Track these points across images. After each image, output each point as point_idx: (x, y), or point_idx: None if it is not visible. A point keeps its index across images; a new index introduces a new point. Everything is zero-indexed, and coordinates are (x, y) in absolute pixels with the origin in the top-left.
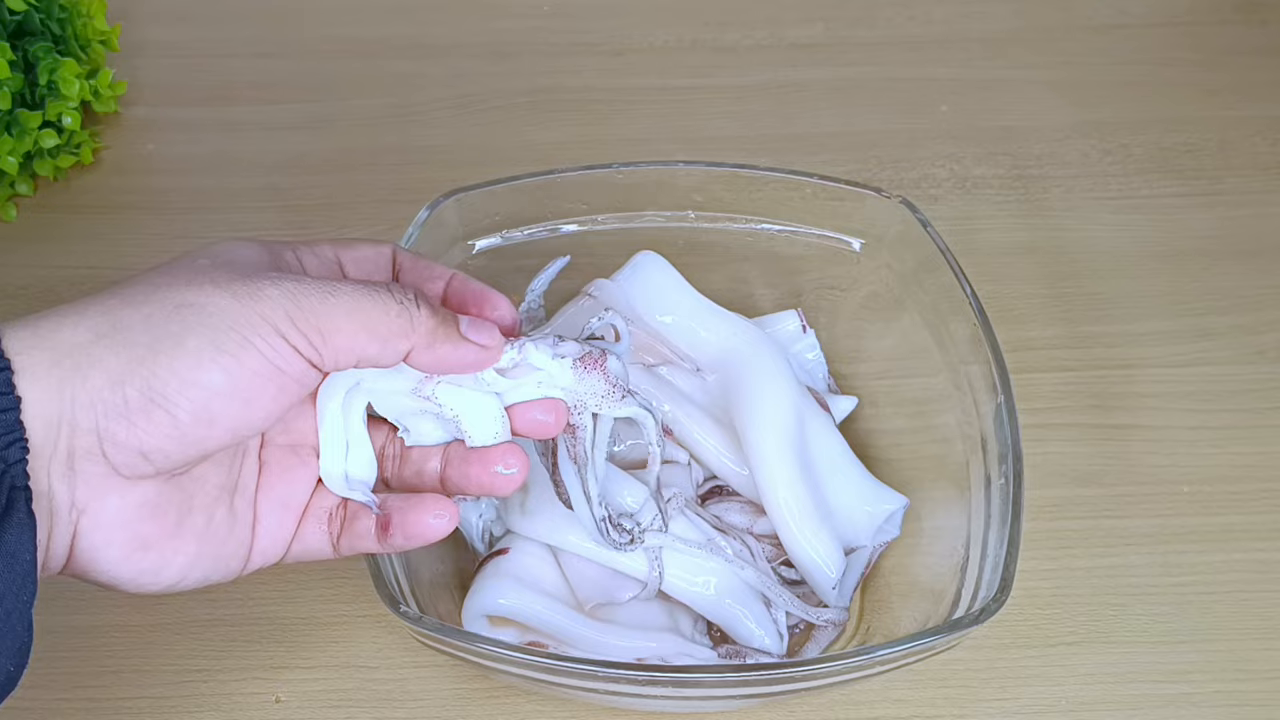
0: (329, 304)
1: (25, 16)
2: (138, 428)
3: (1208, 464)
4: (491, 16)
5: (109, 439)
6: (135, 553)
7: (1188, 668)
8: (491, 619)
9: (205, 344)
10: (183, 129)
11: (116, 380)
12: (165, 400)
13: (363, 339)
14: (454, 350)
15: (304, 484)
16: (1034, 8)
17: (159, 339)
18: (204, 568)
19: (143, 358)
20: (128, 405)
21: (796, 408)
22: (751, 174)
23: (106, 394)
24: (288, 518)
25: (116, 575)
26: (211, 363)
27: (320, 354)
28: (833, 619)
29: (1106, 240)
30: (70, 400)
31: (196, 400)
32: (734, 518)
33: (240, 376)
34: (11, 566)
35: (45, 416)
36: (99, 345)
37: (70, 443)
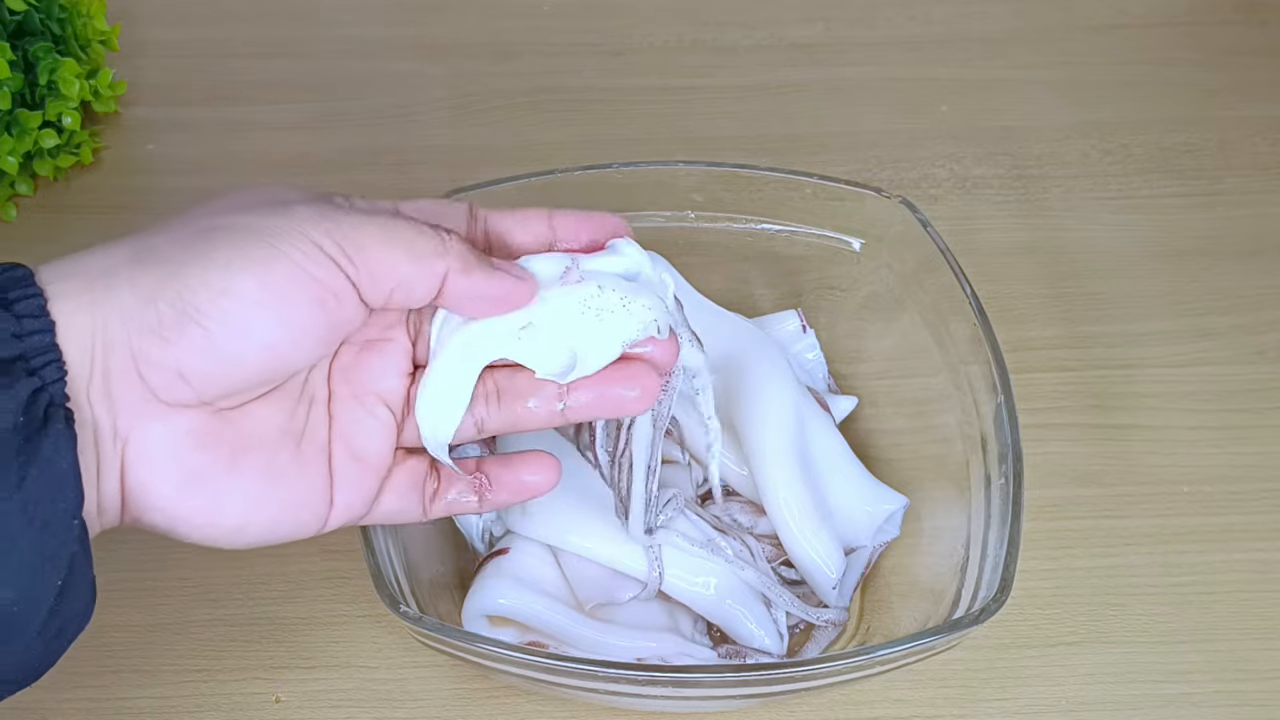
0: (361, 225)
1: (25, 16)
2: (171, 344)
3: (1208, 464)
4: (491, 16)
5: (144, 359)
6: (188, 486)
7: (1188, 668)
8: (491, 619)
9: (235, 254)
10: (183, 129)
11: (148, 297)
12: (197, 312)
13: (398, 255)
14: (488, 278)
15: (376, 437)
16: (1034, 8)
17: (188, 256)
18: (271, 511)
19: (174, 272)
20: (160, 321)
21: (796, 408)
22: (751, 174)
23: (138, 311)
24: (367, 473)
25: (173, 513)
26: (242, 270)
27: (355, 267)
28: (833, 619)
29: (1106, 240)
30: (104, 320)
31: (229, 311)
32: (734, 518)
33: (272, 284)
34: (47, 472)
35: (80, 340)
36: (130, 267)
37: (106, 364)
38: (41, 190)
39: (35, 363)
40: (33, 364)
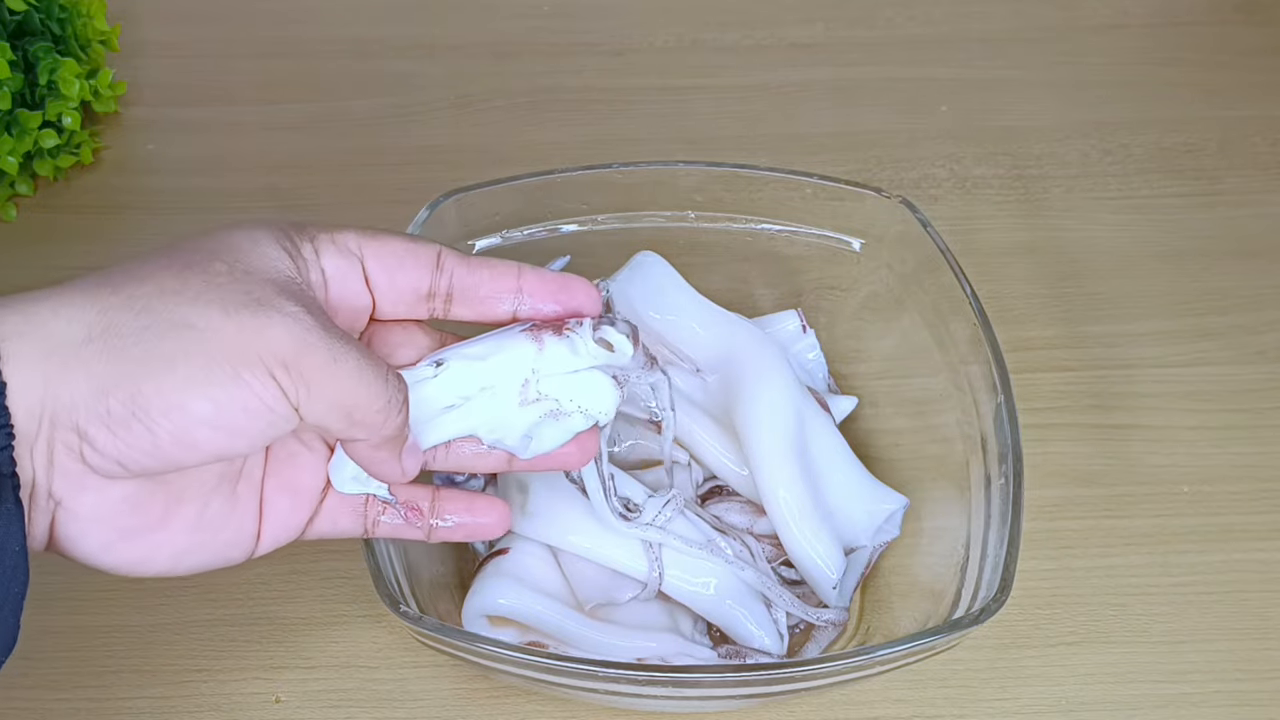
0: (330, 368)
1: (25, 16)
2: (118, 438)
3: (1208, 464)
4: (491, 16)
5: (89, 442)
6: (117, 544)
7: (1188, 668)
8: (491, 619)
9: (196, 371)
10: (183, 129)
11: (101, 389)
12: (147, 418)
13: (335, 415)
14: (386, 462)
15: (310, 470)
16: (1034, 8)
17: (150, 356)
18: (200, 556)
19: (131, 373)
20: (110, 415)
21: (796, 408)
22: (751, 174)
23: (90, 400)
24: (299, 503)
25: (99, 563)
26: (200, 393)
27: (303, 406)
28: (833, 619)
29: (1106, 240)
30: (54, 398)
31: (179, 425)
32: (734, 518)
33: (227, 409)
34: (1, 558)
35: (29, 406)
36: (90, 347)
37: (50, 435)
38: (41, 190)
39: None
40: None
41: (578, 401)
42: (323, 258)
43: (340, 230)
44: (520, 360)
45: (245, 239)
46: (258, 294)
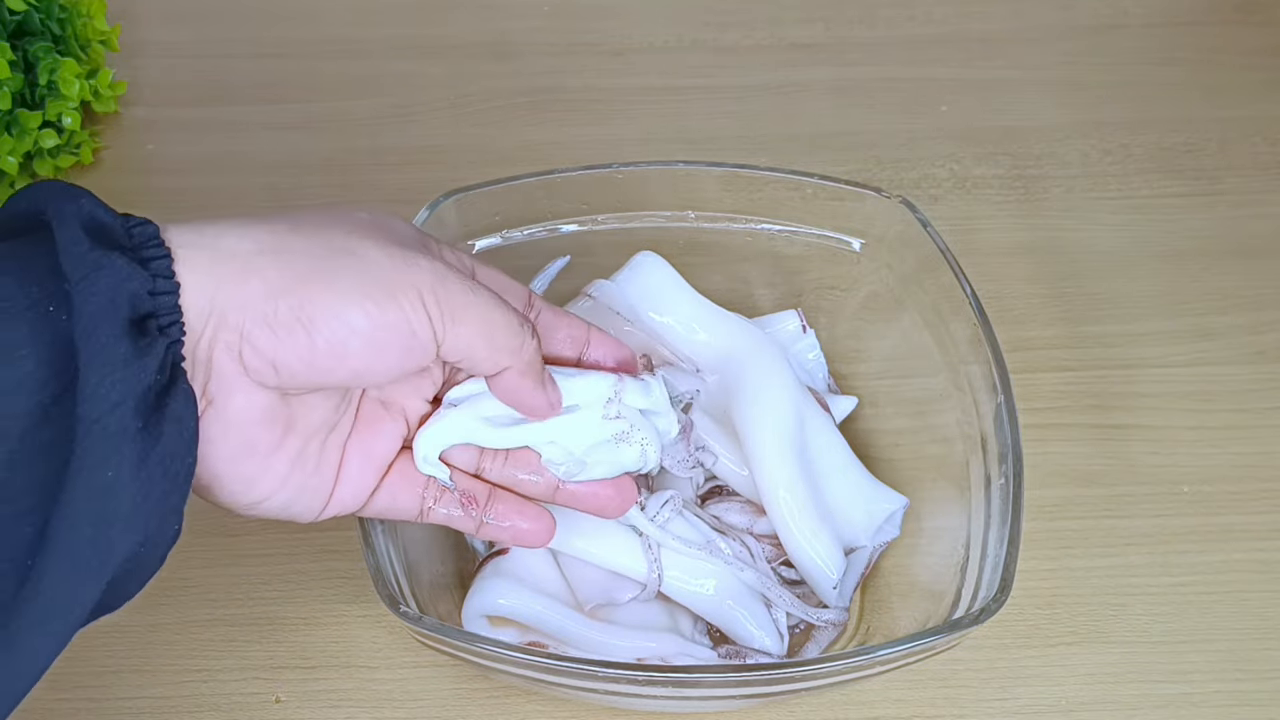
0: (467, 297)
1: (25, 16)
2: (279, 340)
3: (1208, 464)
4: (491, 16)
5: (250, 342)
6: (242, 454)
7: (1188, 668)
8: (491, 619)
9: (355, 287)
10: (183, 129)
11: (272, 293)
12: (310, 324)
13: (479, 340)
14: (532, 391)
15: (388, 438)
16: (1034, 8)
17: (317, 270)
18: (288, 493)
19: (300, 280)
20: (276, 317)
21: (797, 408)
22: (751, 174)
23: (260, 302)
24: (370, 468)
25: (219, 473)
26: (357, 306)
27: (446, 334)
28: (832, 619)
29: (1106, 240)
30: (226, 297)
31: (336, 333)
32: (734, 518)
33: (379, 324)
34: (179, 430)
35: (198, 307)
36: (262, 258)
37: (214, 335)
38: None
39: (164, 320)
40: (161, 321)
41: (643, 434)
42: (444, 256)
43: (455, 247)
44: (604, 384)
45: (384, 215)
46: (399, 240)
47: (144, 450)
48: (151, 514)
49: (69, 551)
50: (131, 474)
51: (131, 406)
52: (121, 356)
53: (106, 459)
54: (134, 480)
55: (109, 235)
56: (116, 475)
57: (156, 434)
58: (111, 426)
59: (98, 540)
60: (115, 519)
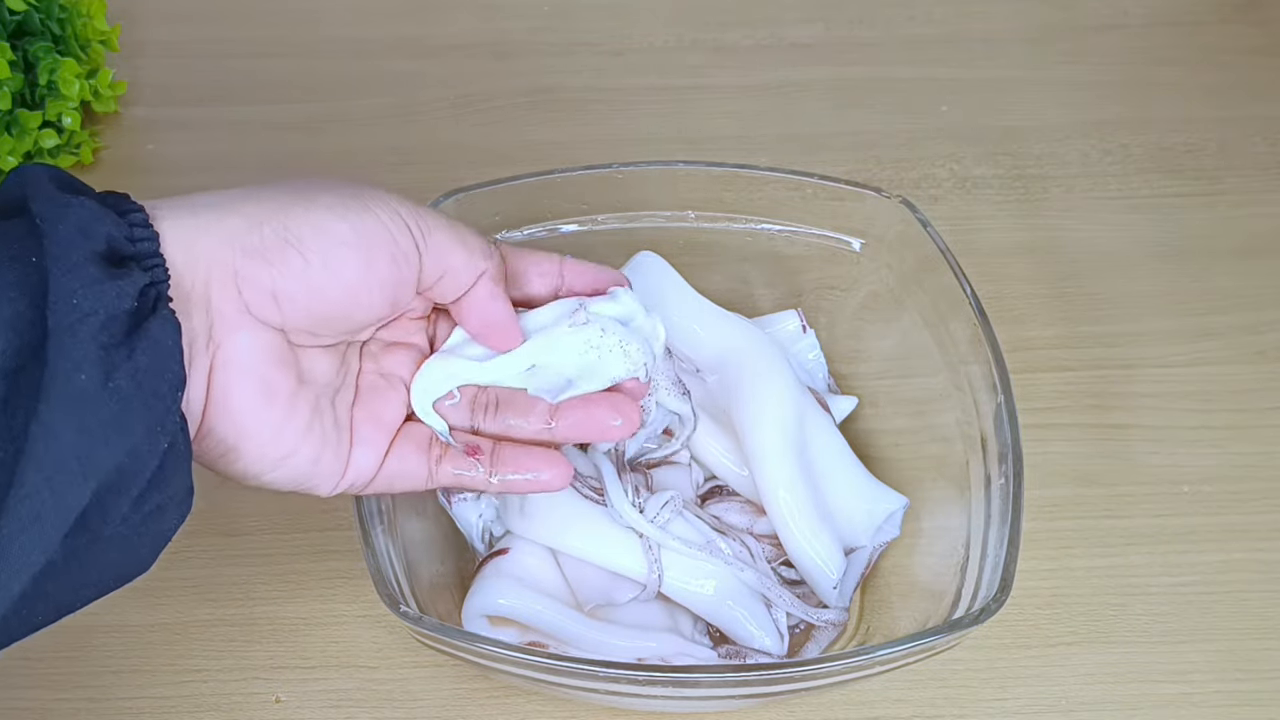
0: (432, 214)
1: (25, 16)
2: (272, 265)
3: (1208, 464)
4: (491, 16)
5: (244, 276)
6: (262, 398)
7: (1188, 668)
8: (491, 619)
9: (334, 202)
10: (183, 129)
11: (255, 222)
12: (299, 242)
13: (456, 244)
14: (505, 305)
15: (394, 405)
16: (1034, 8)
17: (295, 197)
18: (311, 450)
19: (280, 206)
20: (264, 244)
21: (797, 408)
22: (751, 174)
23: (245, 233)
24: (379, 435)
25: (243, 424)
26: (339, 217)
27: (425, 242)
28: (832, 619)
29: (1106, 240)
30: (212, 240)
31: (325, 246)
32: (734, 518)
33: (363, 231)
34: (155, 348)
35: (183, 254)
36: (239, 200)
37: (208, 276)
38: None
39: (146, 263)
40: (144, 264)
41: (619, 336)
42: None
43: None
44: (566, 304)
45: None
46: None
47: (113, 362)
48: (134, 426)
49: (51, 457)
50: (99, 384)
51: (101, 319)
52: (92, 275)
53: (78, 365)
54: (102, 390)
55: (82, 190)
56: (89, 379)
57: (128, 349)
58: (81, 333)
59: (78, 445)
60: (93, 426)
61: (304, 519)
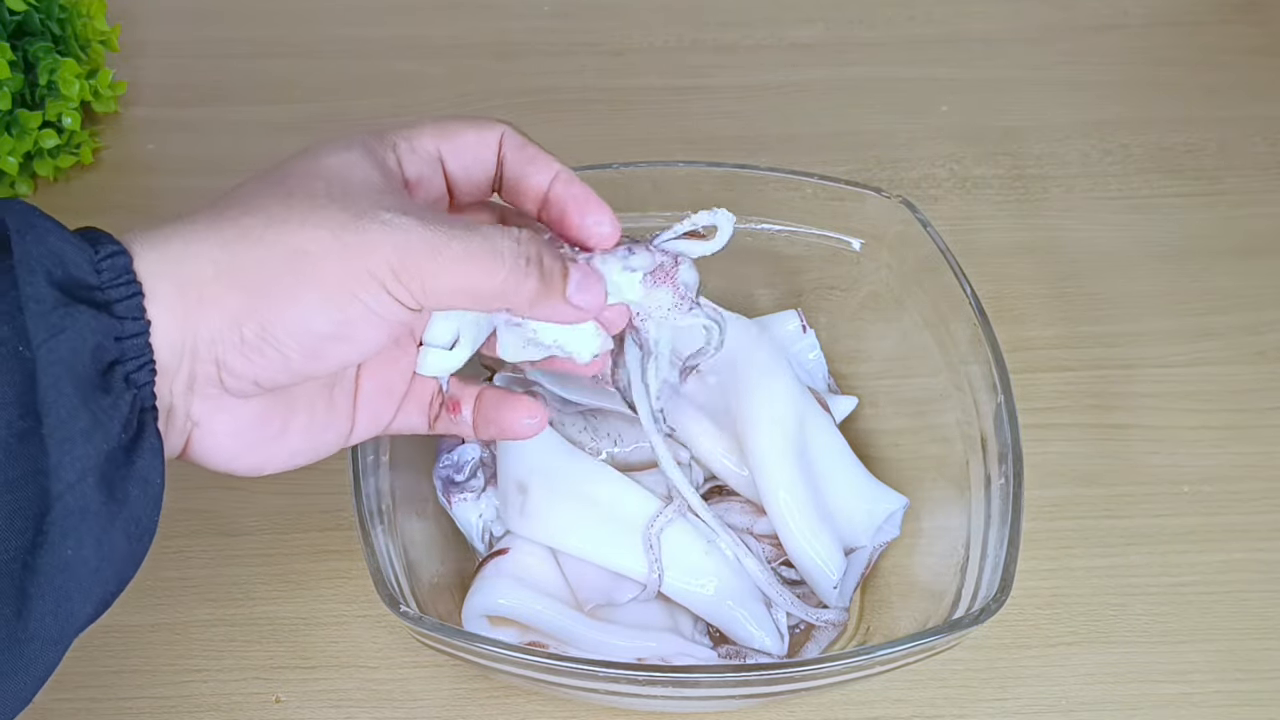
0: (436, 261)
1: (25, 16)
2: (253, 362)
3: (1208, 464)
4: (491, 16)
5: (226, 369)
6: (243, 453)
7: (1188, 668)
8: (491, 619)
9: (315, 300)
10: (183, 129)
11: (234, 320)
12: (278, 342)
13: (463, 298)
14: (552, 313)
15: (406, 372)
16: (1034, 8)
17: (272, 287)
18: (307, 454)
19: (257, 305)
20: (244, 342)
21: (797, 408)
22: (751, 174)
23: (226, 332)
24: (389, 403)
25: (225, 469)
26: (320, 316)
27: (421, 301)
28: (832, 619)
29: (1106, 240)
30: (193, 332)
31: (306, 344)
32: (734, 518)
33: (345, 324)
34: (145, 490)
35: (170, 343)
36: (218, 283)
37: (192, 369)
38: (41, 190)
39: (130, 366)
40: (128, 367)
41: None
42: (405, 166)
43: (417, 134)
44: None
45: (338, 161)
46: (356, 208)
47: (107, 521)
48: (113, 576)
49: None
50: (94, 547)
51: (94, 479)
52: (82, 429)
53: (65, 536)
54: (96, 553)
55: (75, 277)
56: (75, 554)
57: (121, 499)
58: (72, 504)
59: (58, 612)
60: (74, 593)
61: (304, 519)
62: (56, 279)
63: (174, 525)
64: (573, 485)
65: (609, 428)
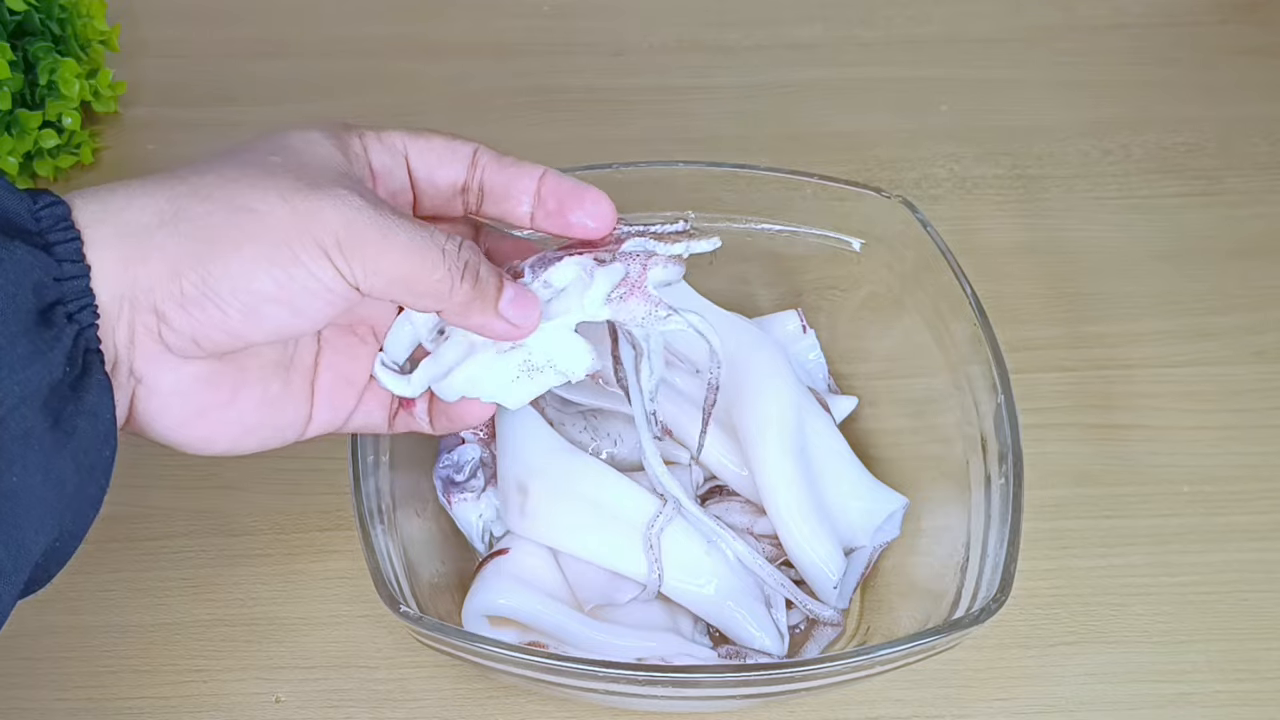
0: (380, 244)
1: (25, 16)
2: (191, 316)
3: (1208, 464)
4: (491, 16)
5: (165, 321)
6: (191, 419)
7: (1188, 668)
8: (491, 619)
9: (259, 255)
10: (183, 129)
11: (174, 271)
12: (218, 297)
13: (399, 287)
14: (484, 323)
15: (365, 365)
16: (1034, 8)
17: (216, 240)
18: (261, 435)
19: (200, 254)
20: (184, 295)
21: (797, 408)
22: (751, 174)
23: (165, 281)
24: (349, 393)
25: (174, 440)
26: (263, 273)
27: (361, 282)
28: (821, 614)
29: (1106, 240)
30: (132, 280)
31: (246, 302)
32: (734, 518)
33: (288, 288)
34: (94, 424)
35: (111, 289)
36: (161, 231)
37: (131, 318)
38: None
39: (71, 307)
40: (69, 308)
41: (550, 357)
42: (370, 154)
43: (386, 130)
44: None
45: (299, 138)
46: (310, 179)
47: (53, 449)
48: (66, 509)
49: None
50: (41, 475)
51: (37, 405)
52: (21, 355)
53: (10, 463)
54: (44, 482)
55: (13, 222)
56: (21, 480)
57: (70, 429)
58: (14, 428)
59: (8, 542)
60: (22, 521)
61: (304, 519)
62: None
63: (174, 525)
64: (573, 485)
65: (609, 428)
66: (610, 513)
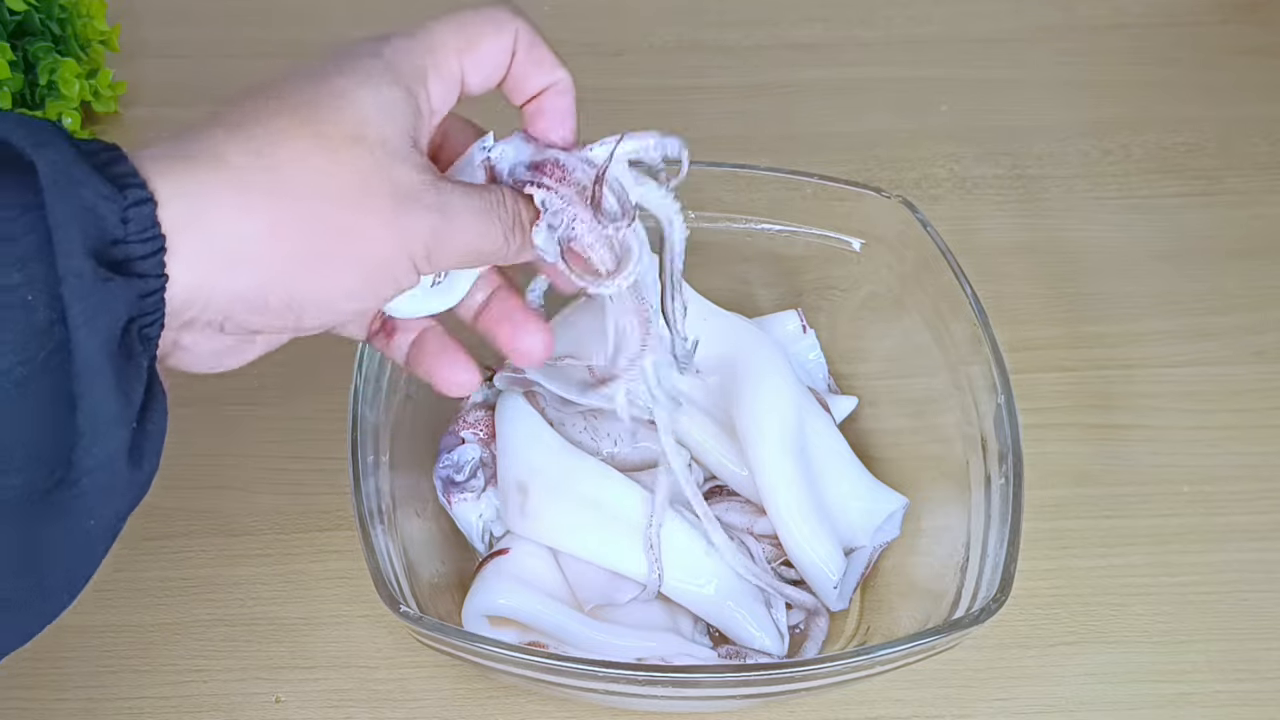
0: (455, 235)
1: (25, 16)
2: (266, 320)
3: (1208, 464)
4: None
5: (233, 321)
6: (209, 363)
7: (1188, 668)
8: (491, 619)
9: (356, 276)
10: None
11: (262, 286)
12: (300, 308)
13: (464, 261)
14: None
15: None
16: (1034, 8)
17: (311, 259)
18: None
19: (293, 274)
20: (266, 306)
21: (797, 408)
22: (751, 174)
23: (250, 294)
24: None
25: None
26: (355, 297)
27: (432, 269)
28: (803, 602)
29: (1106, 240)
30: (211, 289)
31: (322, 318)
32: (734, 518)
33: (373, 301)
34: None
35: (184, 296)
36: (256, 244)
37: (197, 315)
38: None
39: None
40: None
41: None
42: (434, 99)
43: (443, 55)
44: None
45: (375, 107)
46: (403, 185)
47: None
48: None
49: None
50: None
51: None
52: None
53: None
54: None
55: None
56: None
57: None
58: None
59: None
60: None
61: (304, 519)
62: (91, 243)
63: (174, 525)
64: (573, 485)
65: (609, 428)
66: (610, 513)
